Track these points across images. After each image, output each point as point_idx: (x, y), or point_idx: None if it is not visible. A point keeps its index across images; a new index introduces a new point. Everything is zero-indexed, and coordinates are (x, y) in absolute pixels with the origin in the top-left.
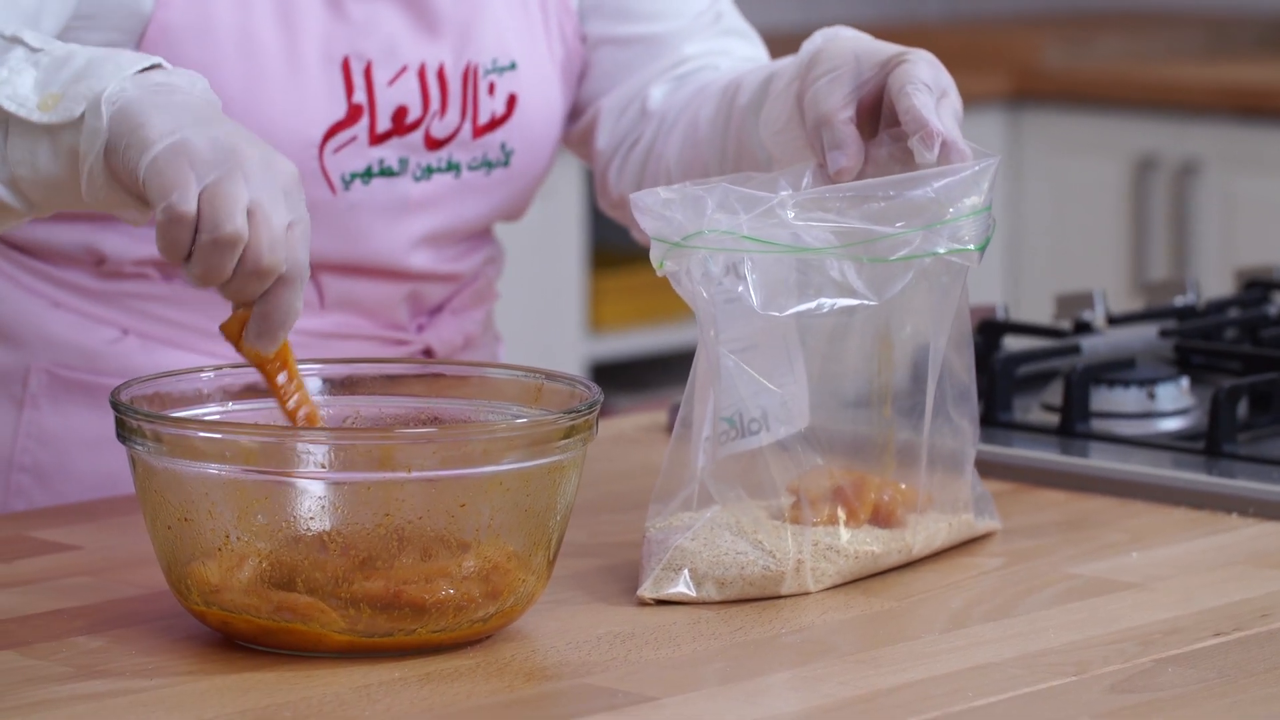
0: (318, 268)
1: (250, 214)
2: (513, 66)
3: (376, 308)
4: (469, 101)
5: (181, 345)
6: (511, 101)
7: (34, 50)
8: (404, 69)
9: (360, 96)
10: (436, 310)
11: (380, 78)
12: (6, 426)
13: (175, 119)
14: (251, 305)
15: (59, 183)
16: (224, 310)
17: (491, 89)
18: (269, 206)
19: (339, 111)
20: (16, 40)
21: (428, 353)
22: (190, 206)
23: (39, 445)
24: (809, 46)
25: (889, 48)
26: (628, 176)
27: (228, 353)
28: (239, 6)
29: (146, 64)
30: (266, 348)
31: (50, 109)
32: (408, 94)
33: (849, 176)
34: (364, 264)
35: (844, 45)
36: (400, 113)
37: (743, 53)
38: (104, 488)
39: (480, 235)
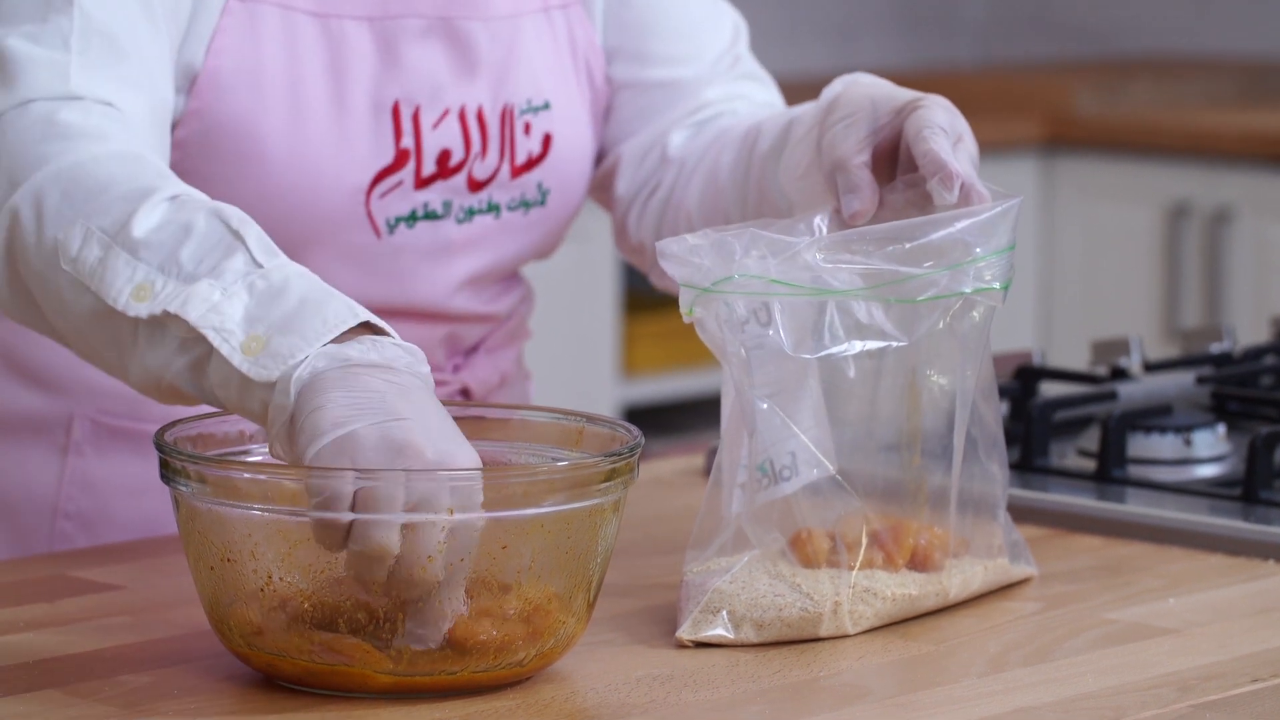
0: None
1: (407, 525)
2: (546, 106)
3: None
4: (507, 142)
5: None
6: (547, 141)
7: (255, 264)
8: (446, 112)
9: (408, 141)
10: (472, 350)
11: (426, 121)
12: (51, 474)
13: (352, 406)
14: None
15: (253, 417)
16: None
17: (528, 129)
18: (426, 514)
19: (387, 157)
20: (240, 239)
21: (465, 393)
22: (340, 514)
23: (83, 492)
24: (828, 92)
25: (906, 93)
26: (647, 222)
27: None
28: (289, 54)
29: (354, 322)
30: (420, 642)
31: (254, 354)
32: (451, 137)
33: (863, 220)
34: (407, 307)
35: (862, 91)
36: (444, 155)
37: (760, 98)
38: (147, 533)
39: (515, 275)
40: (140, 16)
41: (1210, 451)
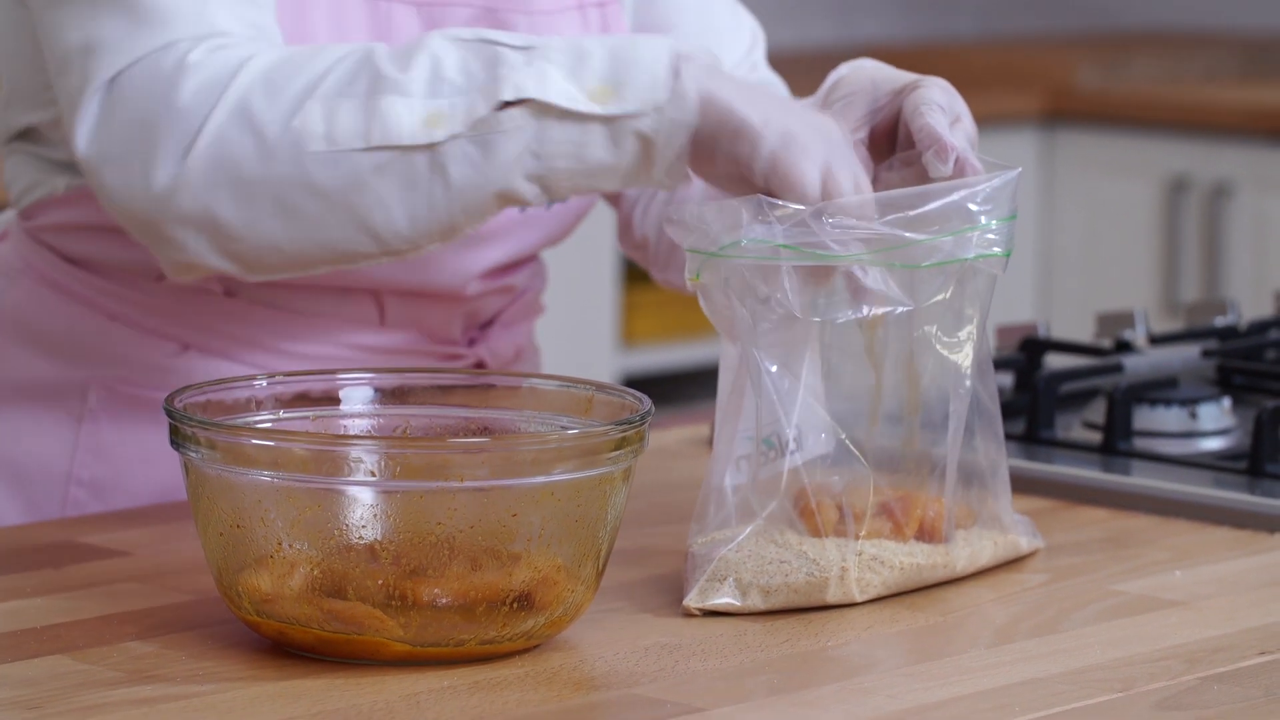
0: (381, 290)
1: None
2: None
3: (434, 326)
4: None
5: (244, 360)
6: None
7: (521, 48)
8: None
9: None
10: (488, 324)
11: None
12: (65, 441)
13: (762, 108)
14: None
15: (608, 169)
16: (286, 323)
17: None
18: (853, 173)
19: None
20: (489, 41)
21: (480, 365)
22: (818, 194)
23: (96, 459)
24: (832, 77)
25: (906, 75)
26: (652, 218)
27: (290, 368)
28: (337, 34)
29: (671, 48)
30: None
31: (606, 101)
32: None
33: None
34: (423, 289)
35: (864, 74)
36: None
37: None
38: (160, 501)
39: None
40: None
41: (1216, 424)
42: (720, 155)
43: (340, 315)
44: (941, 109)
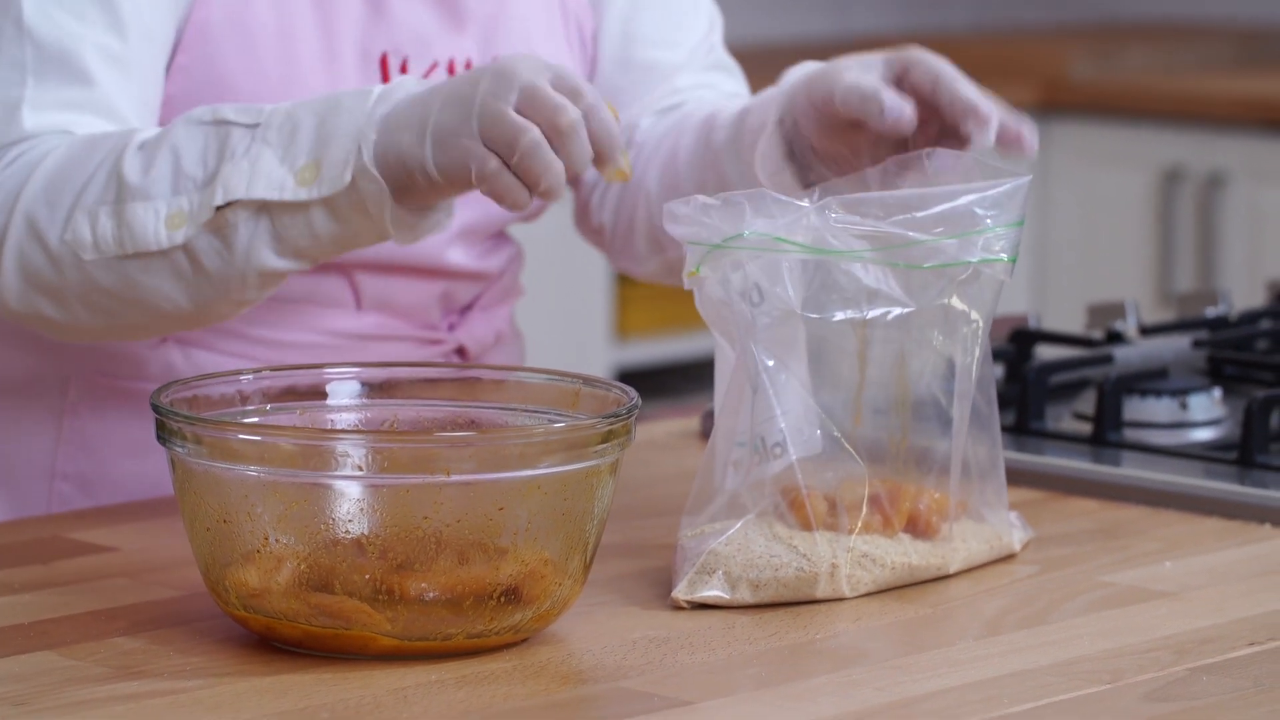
0: (354, 267)
1: (523, 109)
2: None
3: (411, 308)
4: None
5: (220, 349)
6: None
7: (248, 127)
8: (435, 64)
9: None
10: (467, 309)
11: (414, 72)
12: (48, 435)
13: (418, 128)
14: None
15: (346, 237)
16: (261, 311)
17: None
18: (532, 95)
19: None
20: (223, 122)
21: (460, 351)
22: (491, 168)
23: (80, 452)
24: (791, 78)
25: (877, 53)
26: (609, 204)
27: (269, 356)
28: (278, 6)
29: (371, 98)
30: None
31: (312, 182)
32: None
33: (909, 127)
34: (400, 262)
35: (836, 62)
36: None
37: (727, 87)
38: (145, 494)
39: (503, 233)
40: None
41: (1206, 415)
42: (431, 191)
43: (315, 299)
44: (956, 73)
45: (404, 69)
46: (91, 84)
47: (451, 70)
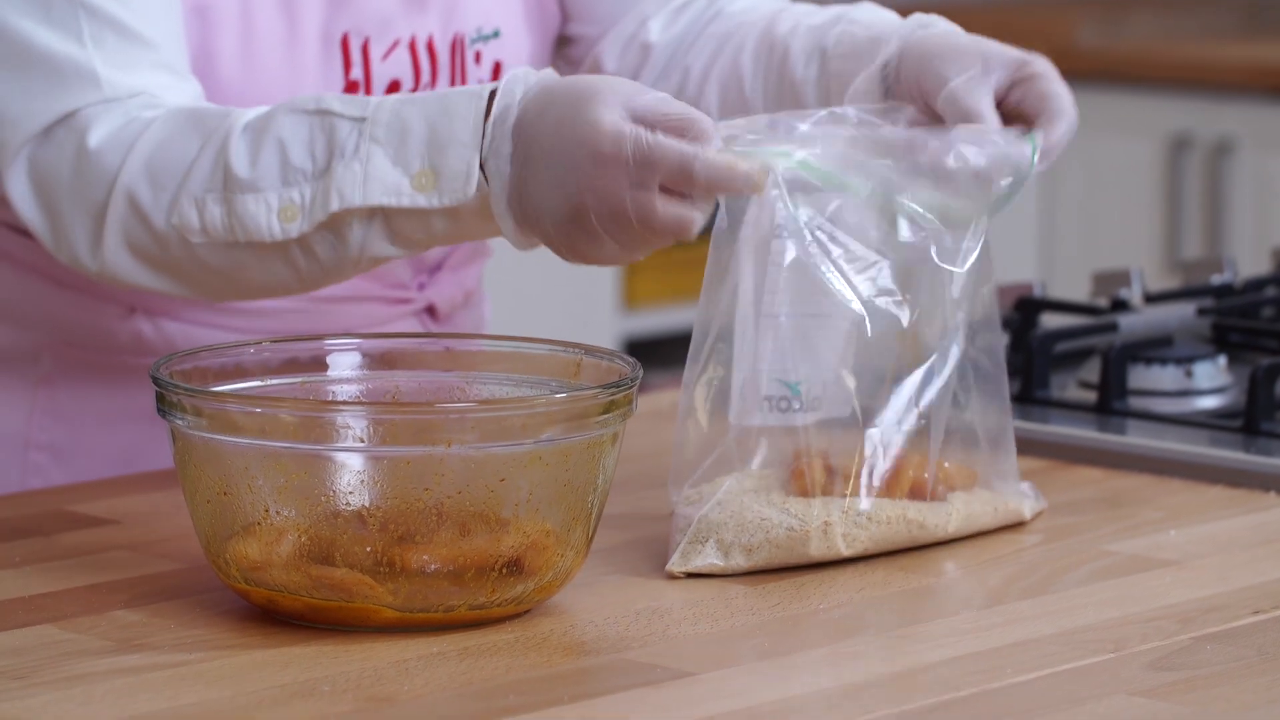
0: None
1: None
2: (496, 35)
3: (379, 270)
4: (458, 71)
5: (190, 319)
6: (497, 69)
7: (354, 120)
8: (396, 43)
9: (357, 73)
10: (436, 268)
11: (375, 53)
12: (22, 405)
13: (542, 182)
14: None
15: (461, 233)
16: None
17: (478, 58)
18: (641, 196)
19: (336, 89)
20: (326, 112)
21: (430, 310)
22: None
23: (55, 423)
24: (910, 34)
25: (1009, 51)
26: None
27: (237, 324)
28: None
29: (483, 101)
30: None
31: (430, 189)
32: (400, 67)
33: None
34: None
35: (958, 42)
36: (393, 86)
37: None
38: (121, 463)
39: None
40: None
41: (1211, 383)
42: (533, 229)
43: None
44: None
45: (365, 50)
46: (150, 45)
47: (414, 48)
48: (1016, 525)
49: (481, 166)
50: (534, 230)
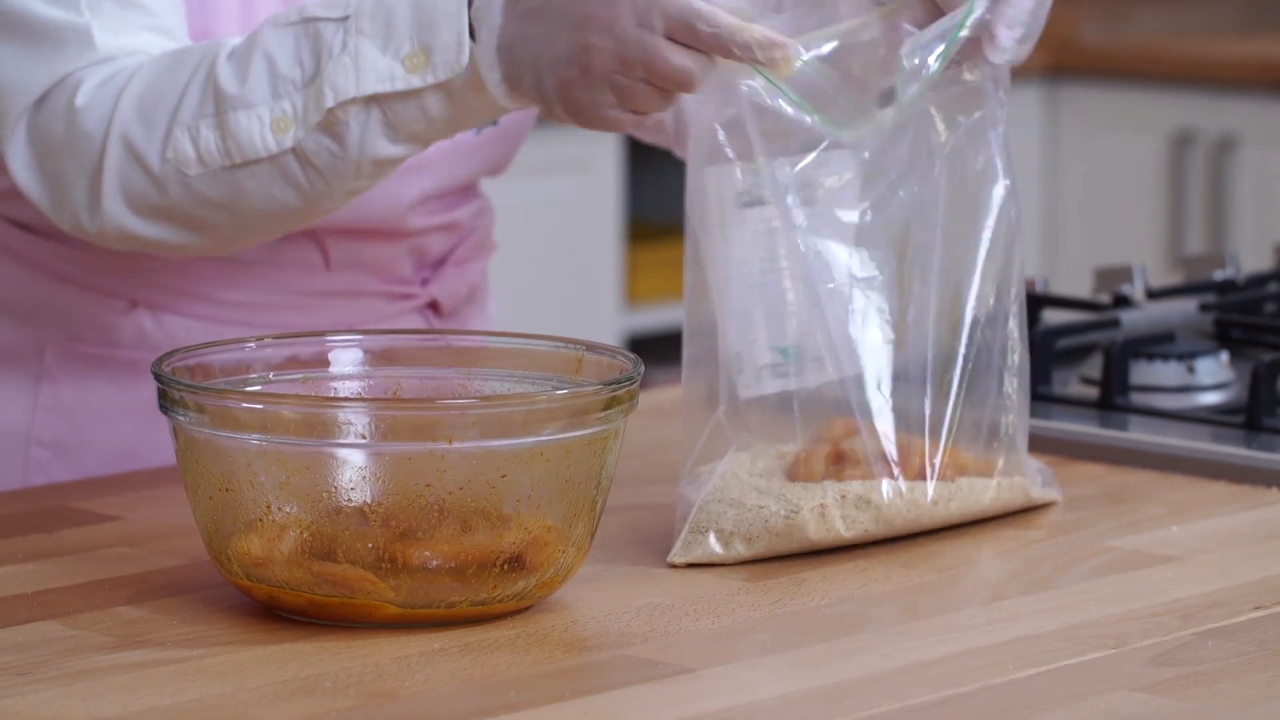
0: (322, 232)
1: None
2: None
3: (381, 265)
4: None
5: (192, 314)
6: None
7: (338, 21)
8: None
9: None
10: (439, 264)
11: None
12: (24, 401)
13: (542, 25)
14: None
15: (459, 116)
16: (230, 274)
17: None
18: (635, 49)
19: None
20: (310, 20)
21: (434, 306)
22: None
23: (57, 419)
24: None
25: None
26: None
27: (239, 319)
28: None
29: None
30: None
31: (423, 69)
32: None
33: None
34: (364, 225)
35: None
36: None
37: None
38: (123, 459)
39: (469, 188)
40: None
41: (1213, 379)
42: (528, 95)
43: (283, 262)
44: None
45: None
46: (146, 10)
47: None
48: (1018, 520)
49: (472, 33)
50: (526, 84)
